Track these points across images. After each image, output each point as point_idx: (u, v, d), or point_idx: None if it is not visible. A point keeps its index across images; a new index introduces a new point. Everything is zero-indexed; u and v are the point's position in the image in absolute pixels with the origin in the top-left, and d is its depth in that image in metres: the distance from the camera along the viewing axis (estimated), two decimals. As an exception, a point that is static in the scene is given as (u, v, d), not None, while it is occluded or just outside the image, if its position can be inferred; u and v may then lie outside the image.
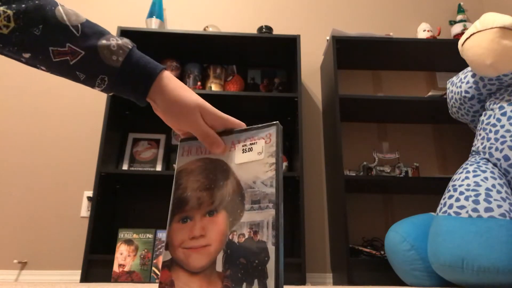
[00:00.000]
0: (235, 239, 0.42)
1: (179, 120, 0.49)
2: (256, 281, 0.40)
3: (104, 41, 0.48)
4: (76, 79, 0.49)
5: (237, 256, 0.41)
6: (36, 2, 0.46)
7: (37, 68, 0.49)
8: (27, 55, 0.46)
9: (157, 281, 1.56)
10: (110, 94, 0.52)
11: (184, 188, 0.48)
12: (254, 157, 0.46)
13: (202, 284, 0.42)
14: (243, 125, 0.51)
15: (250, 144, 0.47)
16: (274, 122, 0.47)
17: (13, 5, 0.45)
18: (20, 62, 0.49)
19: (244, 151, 0.47)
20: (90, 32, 0.48)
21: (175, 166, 0.50)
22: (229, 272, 0.41)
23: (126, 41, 0.50)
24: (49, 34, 0.46)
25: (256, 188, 0.44)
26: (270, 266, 0.40)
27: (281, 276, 0.39)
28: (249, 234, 0.42)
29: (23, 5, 0.45)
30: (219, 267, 0.42)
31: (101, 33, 0.49)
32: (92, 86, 0.50)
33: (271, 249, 0.40)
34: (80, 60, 0.47)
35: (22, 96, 2.11)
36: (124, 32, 1.91)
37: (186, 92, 0.50)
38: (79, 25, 0.48)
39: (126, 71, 0.49)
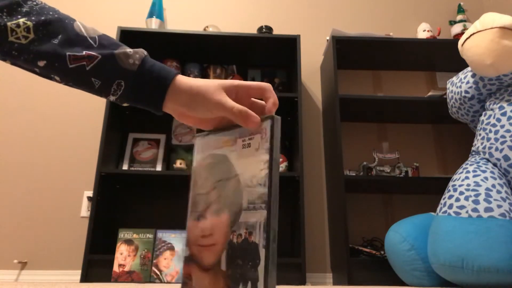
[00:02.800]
0: (235, 239, 0.42)
1: (206, 108, 0.47)
2: (249, 283, 0.39)
3: (120, 49, 0.49)
4: (90, 87, 0.49)
5: (235, 257, 0.41)
6: (56, 16, 0.48)
7: (51, 78, 0.49)
8: (42, 63, 0.47)
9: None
10: (125, 104, 0.51)
11: (199, 186, 0.49)
12: (252, 153, 0.44)
13: (211, 281, 0.43)
14: (268, 86, 0.49)
15: (249, 139, 0.45)
16: (269, 115, 0.44)
17: (33, 18, 0.47)
18: (33, 73, 0.50)
19: (244, 146, 0.45)
20: (107, 43, 0.49)
21: (193, 163, 0.51)
22: (230, 271, 0.42)
23: (141, 49, 0.51)
24: (67, 43, 0.47)
25: (253, 187, 0.42)
26: (261, 269, 0.39)
27: (271, 279, 0.38)
28: (245, 235, 0.41)
29: (43, 18, 0.47)
30: (223, 266, 0.43)
31: (118, 44, 0.50)
32: (107, 94, 0.49)
33: (262, 251, 0.39)
34: (96, 64, 0.47)
35: (22, 96, 2.11)
36: (124, 32, 1.91)
37: (205, 81, 0.49)
38: (96, 36, 0.49)
39: (143, 73, 0.49)
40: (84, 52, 0.47)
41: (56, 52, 0.46)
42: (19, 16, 0.46)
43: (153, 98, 0.49)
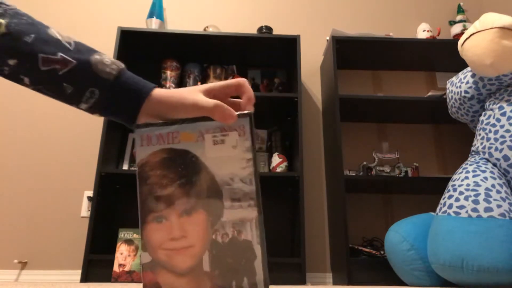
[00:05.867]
0: (219, 239, 0.42)
1: (184, 111, 0.46)
2: (245, 278, 0.41)
3: (97, 56, 0.47)
4: (61, 93, 0.46)
5: (223, 256, 0.42)
6: (30, 21, 0.46)
7: (19, 81, 0.46)
8: (12, 62, 0.44)
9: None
10: (94, 114, 0.49)
11: (152, 184, 0.44)
12: (228, 151, 0.43)
13: (191, 285, 0.42)
14: (243, 81, 0.48)
15: (222, 135, 0.44)
16: (246, 112, 0.44)
17: (6, 18, 0.44)
18: (2, 76, 0.47)
19: (215, 142, 0.44)
20: (83, 49, 0.47)
21: (136, 158, 0.45)
22: (217, 271, 0.41)
23: (118, 61, 0.49)
24: (41, 42, 0.45)
25: (235, 186, 0.43)
26: (258, 264, 0.41)
27: (267, 271, 0.41)
28: (233, 233, 0.42)
29: (16, 20, 0.45)
30: (206, 267, 0.42)
31: (94, 50, 0.47)
32: (78, 102, 0.47)
33: (257, 247, 0.41)
34: (70, 70, 0.45)
35: (22, 96, 2.11)
36: (124, 32, 1.91)
37: (182, 88, 0.48)
38: (72, 42, 0.47)
39: (119, 84, 0.47)
40: (59, 55, 0.45)
41: (28, 51, 0.44)
42: None
43: (128, 109, 0.47)
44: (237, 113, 0.44)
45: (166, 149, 0.44)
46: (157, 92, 0.48)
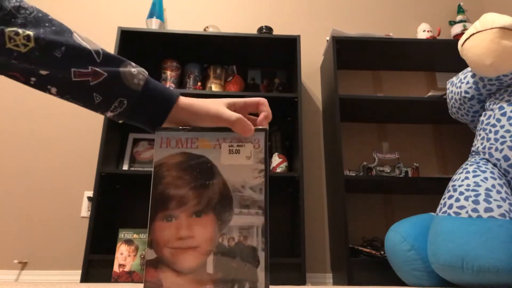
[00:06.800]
0: (225, 242, 0.44)
1: (208, 120, 0.49)
2: (247, 283, 0.42)
3: (124, 67, 0.49)
4: (89, 102, 0.49)
5: (228, 259, 0.43)
6: (53, 28, 0.47)
7: (45, 90, 0.48)
8: (45, 72, 0.46)
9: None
10: (120, 121, 0.52)
11: (166, 184, 0.46)
12: (242, 160, 0.46)
13: (192, 285, 0.43)
14: (263, 100, 0.52)
15: (238, 146, 0.47)
16: (262, 128, 0.48)
17: (32, 28, 0.45)
18: (25, 84, 0.48)
19: (230, 152, 0.47)
20: (111, 59, 0.49)
21: (154, 158, 0.48)
22: (220, 274, 0.43)
23: (142, 68, 0.51)
24: (72, 56, 0.46)
25: (245, 193, 0.45)
26: (260, 270, 0.43)
27: (268, 279, 0.43)
28: (239, 238, 0.44)
29: (41, 30, 0.46)
30: (209, 269, 0.43)
31: (120, 59, 0.50)
32: (105, 110, 0.49)
33: (261, 254, 0.43)
34: (101, 81, 0.47)
35: (22, 96, 2.11)
36: (124, 33, 1.91)
37: (206, 99, 0.51)
38: (99, 50, 0.48)
39: (147, 94, 0.50)
40: (89, 68, 0.47)
41: (60, 66, 0.46)
42: (15, 27, 0.44)
43: (155, 118, 0.50)
44: (254, 127, 0.48)
45: (184, 153, 0.47)
46: (182, 100, 0.51)
